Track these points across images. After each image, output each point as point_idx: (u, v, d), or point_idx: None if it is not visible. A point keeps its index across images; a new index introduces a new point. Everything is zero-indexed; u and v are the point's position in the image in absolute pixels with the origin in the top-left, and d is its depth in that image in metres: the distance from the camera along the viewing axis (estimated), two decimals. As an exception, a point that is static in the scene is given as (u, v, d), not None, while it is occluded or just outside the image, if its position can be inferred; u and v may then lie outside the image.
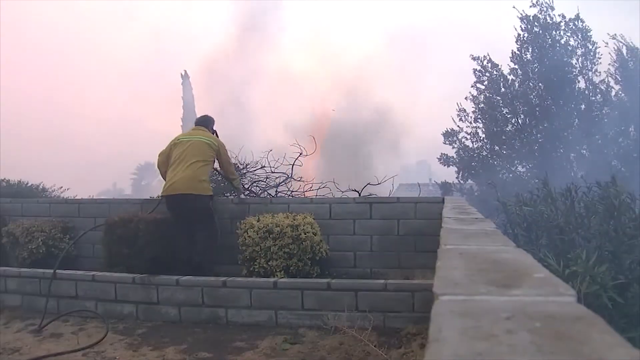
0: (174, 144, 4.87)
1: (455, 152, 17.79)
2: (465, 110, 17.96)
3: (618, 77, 15.83)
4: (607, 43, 15.80)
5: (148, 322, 4.06)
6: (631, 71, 15.25)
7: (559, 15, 16.80)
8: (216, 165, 5.17)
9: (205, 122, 5.13)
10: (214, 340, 3.57)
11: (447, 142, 18.01)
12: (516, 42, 17.33)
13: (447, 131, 18.02)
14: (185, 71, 36.72)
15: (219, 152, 4.89)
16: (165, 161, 4.84)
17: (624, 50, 15.78)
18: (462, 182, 17.68)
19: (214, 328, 3.87)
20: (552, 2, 16.81)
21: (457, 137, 17.75)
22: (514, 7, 17.20)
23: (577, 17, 16.52)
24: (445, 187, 17.42)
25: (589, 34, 16.40)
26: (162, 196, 4.88)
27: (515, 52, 17.35)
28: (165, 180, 4.76)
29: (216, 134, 5.16)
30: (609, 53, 15.85)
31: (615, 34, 15.51)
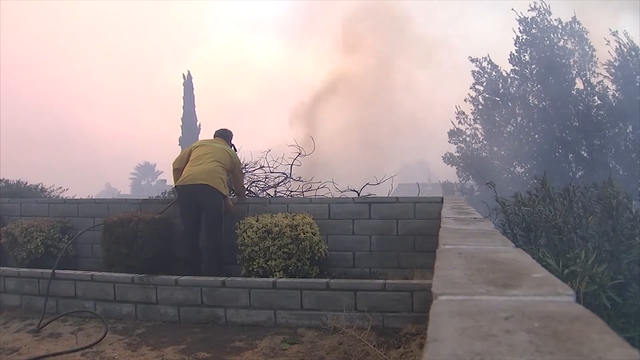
0: (195, 146, 5.02)
1: (458, 152, 17.82)
2: (464, 112, 18.01)
3: (618, 75, 15.80)
4: (608, 41, 15.78)
5: (147, 322, 4.06)
6: (630, 70, 15.21)
7: (556, 19, 16.83)
8: None
9: (225, 135, 5.24)
10: (213, 340, 3.56)
11: (451, 142, 18.05)
12: (515, 44, 17.37)
13: (452, 130, 18.05)
14: (189, 72, 36.56)
15: (235, 165, 5.00)
16: (183, 160, 4.89)
17: (625, 50, 15.73)
18: (462, 182, 17.71)
19: (213, 328, 3.87)
20: (549, 7, 16.86)
21: (462, 137, 17.78)
22: (512, 10, 17.25)
23: (574, 20, 16.53)
24: (447, 187, 17.45)
25: (585, 36, 16.42)
26: (176, 187, 4.87)
27: (514, 54, 17.39)
28: (178, 177, 4.77)
29: (234, 148, 5.27)
30: (609, 52, 15.83)
31: (616, 31, 15.43)
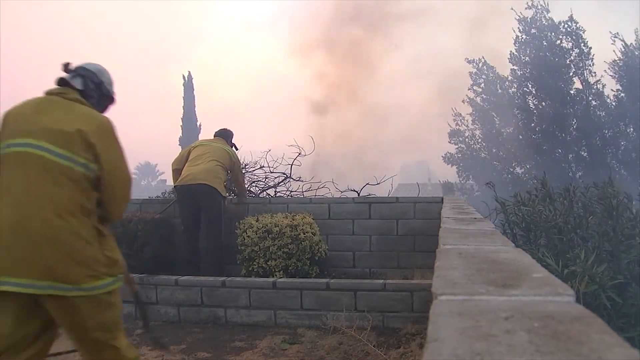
0: (194, 146, 5.02)
1: (458, 152, 17.80)
2: (461, 114, 18.00)
3: (621, 75, 15.78)
4: (614, 40, 15.77)
5: (147, 322, 4.06)
6: (633, 69, 15.18)
7: (549, 18, 16.81)
8: None
9: (225, 135, 5.23)
10: (213, 340, 3.57)
11: (451, 142, 18.05)
12: (514, 43, 17.36)
13: (452, 130, 18.06)
14: (189, 72, 36.53)
15: (235, 164, 4.99)
16: (182, 160, 4.88)
17: (632, 48, 15.71)
18: (462, 182, 17.71)
19: (213, 328, 3.87)
20: (548, 4, 16.85)
21: (462, 138, 17.77)
22: (512, 9, 17.26)
23: (571, 19, 16.51)
24: (447, 187, 17.46)
25: (582, 34, 16.40)
26: (175, 186, 4.87)
27: (513, 53, 17.38)
28: (178, 177, 4.77)
29: (235, 147, 5.26)
30: (613, 51, 15.82)
31: (617, 32, 15.43)
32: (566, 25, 16.50)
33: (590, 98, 16.23)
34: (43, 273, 1.79)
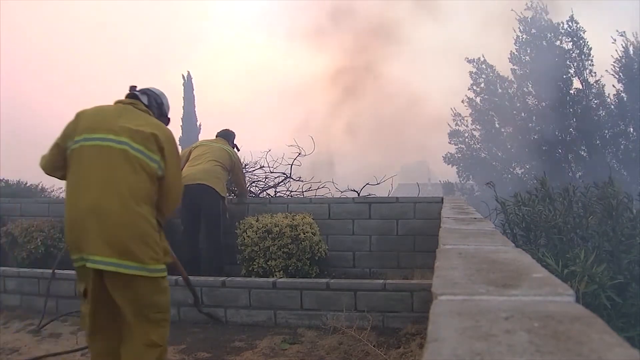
0: (195, 147, 5.02)
1: (458, 152, 17.78)
2: (460, 114, 17.97)
3: (621, 75, 15.76)
4: (614, 39, 15.75)
5: (147, 322, 4.05)
6: (635, 70, 15.14)
7: (549, 19, 16.80)
8: None
9: (227, 136, 5.23)
10: (213, 340, 3.56)
11: (452, 142, 18.03)
12: (515, 43, 17.35)
13: (452, 131, 18.04)
14: (189, 72, 36.45)
15: (236, 165, 5.00)
16: (183, 160, 4.87)
17: (631, 49, 15.70)
18: (462, 182, 17.70)
19: (213, 328, 3.86)
20: (546, 6, 16.85)
21: (462, 138, 17.75)
22: (512, 10, 17.25)
23: (572, 19, 16.50)
24: (447, 187, 17.45)
25: (583, 35, 16.38)
26: None
27: (514, 53, 17.37)
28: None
29: (236, 148, 5.25)
30: (616, 50, 15.79)
31: (624, 31, 15.42)
32: (566, 26, 16.50)
33: (590, 98, 16.22)
34: (117, 252, 2.01)
